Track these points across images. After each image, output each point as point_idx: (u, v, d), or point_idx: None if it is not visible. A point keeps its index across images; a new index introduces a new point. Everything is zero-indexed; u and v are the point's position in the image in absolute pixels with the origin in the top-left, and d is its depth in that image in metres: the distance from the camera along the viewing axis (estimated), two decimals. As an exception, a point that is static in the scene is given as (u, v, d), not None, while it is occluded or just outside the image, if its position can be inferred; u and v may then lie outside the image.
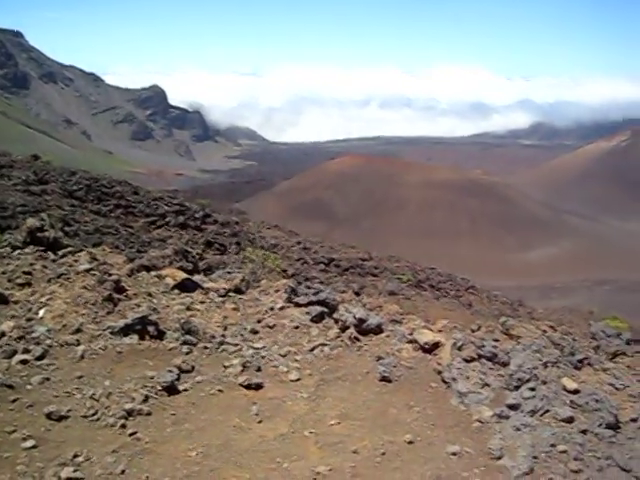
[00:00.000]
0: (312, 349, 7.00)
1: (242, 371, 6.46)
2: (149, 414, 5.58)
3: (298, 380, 6.51)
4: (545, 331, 7.38)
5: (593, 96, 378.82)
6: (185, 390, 6.07)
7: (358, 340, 7.17)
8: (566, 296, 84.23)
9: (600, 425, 5.50)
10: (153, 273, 8.84)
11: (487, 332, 7.34)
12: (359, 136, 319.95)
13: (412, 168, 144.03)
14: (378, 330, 7.32)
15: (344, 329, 7.30)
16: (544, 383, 5.97)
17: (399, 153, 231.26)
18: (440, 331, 7.52)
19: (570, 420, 5.57)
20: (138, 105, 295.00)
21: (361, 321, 7.25)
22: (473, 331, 7.45)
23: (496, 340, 7.03)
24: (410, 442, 5.49)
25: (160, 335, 6.85)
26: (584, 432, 5.46)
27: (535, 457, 5.19)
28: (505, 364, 6.34)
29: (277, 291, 8.67)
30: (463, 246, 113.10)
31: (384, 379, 6.41)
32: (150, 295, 7.95)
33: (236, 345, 6.96)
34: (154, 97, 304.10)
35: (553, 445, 5.29)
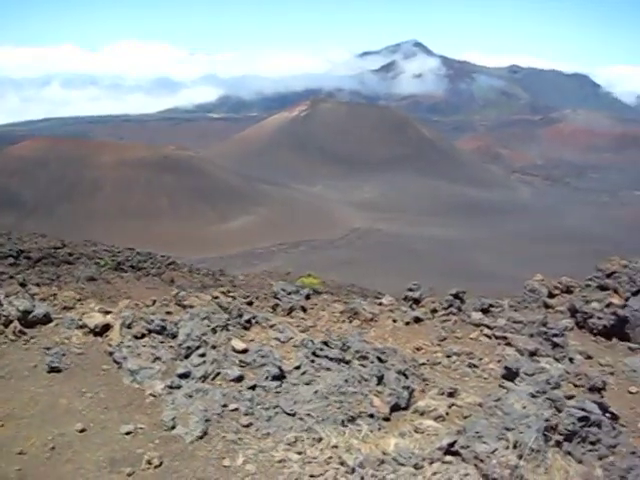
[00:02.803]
0: (-30, 351, 6.42)
1: None
2: None
3: (-46, 387, 5.93)
4: (216, 297, 7.56)
5: (275, 69, 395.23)
6: None
7: (24, 333, 6.73)
8: (267, 260, 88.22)
9: (267, 378, 5.81)
10: None
11: (161, 306, 7.34)
12: (41, 117, 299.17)
13: (104, 148, 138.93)
14: (46, 320, 6.94)
15: (7, 324, 6.79)
16: (214, 347, 6.14)
17: (88, 133, 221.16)
18: (120, 311, 7.35)
19: (240, 379, 5.80)
20: None
21: (26, 313, 6.81)
22: (148, 306, 7.39)
23: (169, 312, 7.05)
24: (82, 430, 5.31)
25: None
26: (253, 387, 5.72)
27: (208, 420, 5.33)
28: (175, 335, 6.40)
29: None
30: (164, 223, 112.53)
31: (53, 370, 6.10)
32: None
33: None
34: None
35: (225, 405, 5.47)
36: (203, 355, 5.95)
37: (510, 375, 7.11)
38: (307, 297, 11.56)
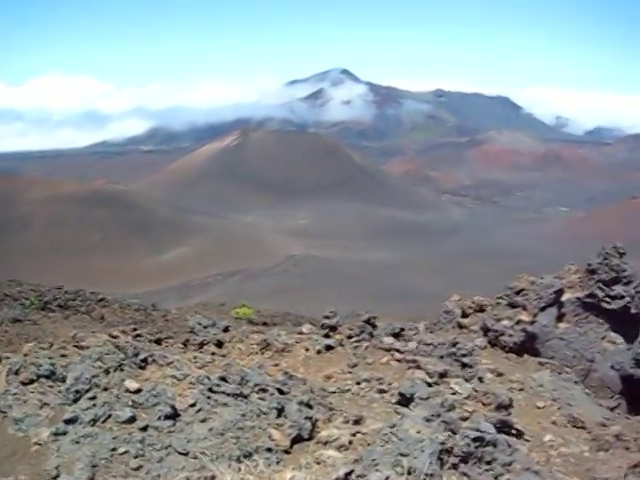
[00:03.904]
0: None
1: None
2: None
3: None
4: (115, 336, 7.42)
5: (205, 99, 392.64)
6: None
7: None
8: (203, 292, 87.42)
9: (159, 418, 5.70)
10: None
11: (59, 348, 7.15)
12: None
13: (33, 184, 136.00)
14: None
15: None
16: (105, 389, 5.99)
17: (16, 170, 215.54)
18: (26, 355, 7.12)
19: (131, 420, 5.67)
20: None
21: None
22: (45, 349, 7.19)
23: (64, 355, 6.88)
24: (-42, 488, 5.09)
25: None
26: (145, 428, 5.60)
27: (95, 465, 5.17)
28: (65, 379, 6.23)
29: None
30: (96, 259, 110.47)
31: None
32: None
33: None
34: None
35: (114, 449, 5.33)
36: (93, 398, 5.79)
37: (405, 401, 7.17)
38: (225, 330, 11.46)
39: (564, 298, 12.09)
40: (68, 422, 5.54)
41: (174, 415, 5.78)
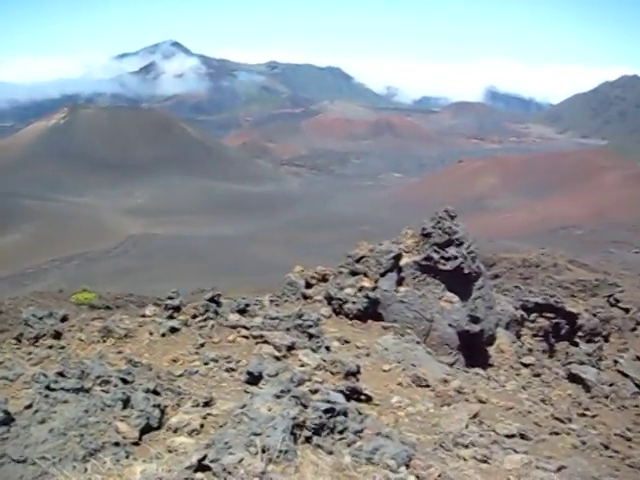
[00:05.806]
0: None
1: None
2: None
3: None
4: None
5: (27, 75, 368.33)
6: None
7: None
8: (39, 280, 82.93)
9: (-6, 425, 5.28)
10: None
11: None
12: None
13: None
14: None
15: None
16: None
17: None
18: None
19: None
20: None
21: None
22: None
23: None
24: None
25: None
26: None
27: None
28: None
29: None
30: None
31: None
32: None
33: None
34: None
35: (-60, 466, 4.87)
36: None
37: (253, 379, 7.14)
38: (63, 319, 10.86)
39: (402, 262, 12.55)
40: None
41: (8, 420, 5.36)
